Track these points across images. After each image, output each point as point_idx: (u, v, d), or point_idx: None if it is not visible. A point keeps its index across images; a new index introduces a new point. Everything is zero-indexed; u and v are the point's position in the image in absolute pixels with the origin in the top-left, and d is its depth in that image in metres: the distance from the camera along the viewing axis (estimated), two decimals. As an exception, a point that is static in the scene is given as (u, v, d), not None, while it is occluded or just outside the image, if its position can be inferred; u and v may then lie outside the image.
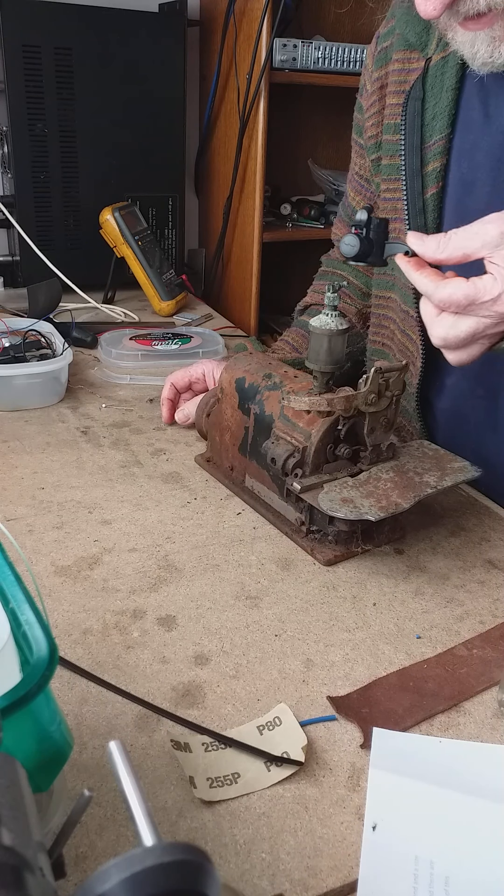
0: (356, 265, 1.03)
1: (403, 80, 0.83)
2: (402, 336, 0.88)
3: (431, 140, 0.79)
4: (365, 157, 0.93)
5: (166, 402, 0.95)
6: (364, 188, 0.96)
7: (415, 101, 0.80)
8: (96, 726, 0.50)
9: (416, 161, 0.80)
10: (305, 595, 0.65)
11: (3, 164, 1.44)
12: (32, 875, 0.23)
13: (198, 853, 0.23)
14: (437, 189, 0.79)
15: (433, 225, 0.81)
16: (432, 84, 0.79)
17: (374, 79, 0.87)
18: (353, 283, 1.02)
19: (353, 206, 0.99)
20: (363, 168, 0.95)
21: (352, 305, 1.02)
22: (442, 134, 0.78)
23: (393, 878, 0.41)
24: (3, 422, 0.95)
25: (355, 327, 1.02)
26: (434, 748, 0.50)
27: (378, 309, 0.94)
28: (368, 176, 0.94)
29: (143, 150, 1.48)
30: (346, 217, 1.02)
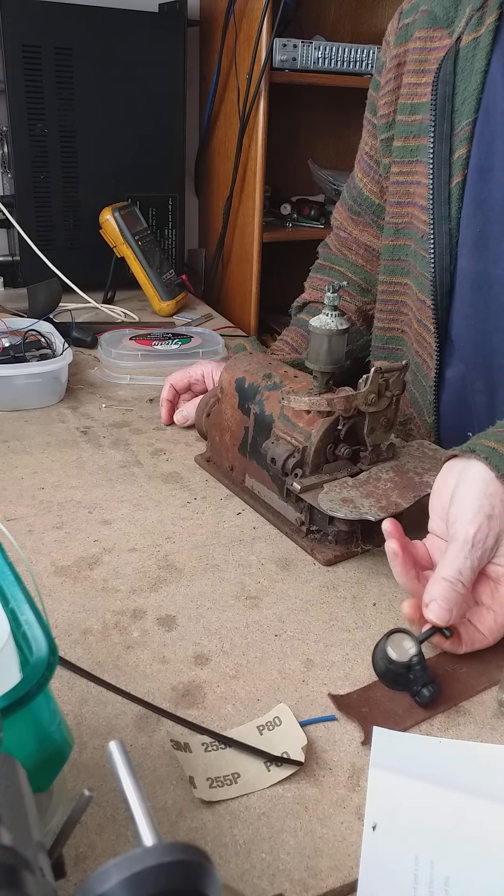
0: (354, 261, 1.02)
1: (424, 59, 0.80)
2: (418, 325, 0.86)
3: (460, 126, 0.77)
4: (376, 136, 0.91)
5: (165, 403, 0.95)
6: (373, 169, 0.93)
7: (445, 84, 0.77)
8: (96, 726, 0.50)
9: (446, 149, 0.78)
10: (305, 595, 0.65)
11: (3, 164, 1.44)
12: (32, 875, 0.23)
13: (198, 853, 0.23)
14: (462, 177, 0.77)
15: (455, 214, 0.78)
16: (463, 66, 0.76)
17: (393, 55, 0.85)
18: (352, 279, 1.01)
19: (360, 186, 0.96)
20: (374, 148, 0.92)
21: (351, 303, 1.01)
22: (469, 119, 0.75)
23: (393, 878, 0.41)
24: (3, 422, 0.95)
25: (354, 325, 1.01)
26: (434, 748, 0.50)
27: (392, 296, 0.91)
28: (378, 157, 0.91)
29: (143, 150, 1.48)
30: (350, 200, 1.00)
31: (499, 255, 0.76)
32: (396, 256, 0.88)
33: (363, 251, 1.00)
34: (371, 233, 0.98)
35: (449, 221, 0.78)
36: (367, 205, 0.96)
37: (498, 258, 0.76)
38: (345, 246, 1.03)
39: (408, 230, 0.85)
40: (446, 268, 0.80)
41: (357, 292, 1.01)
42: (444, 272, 0.80)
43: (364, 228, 0.98)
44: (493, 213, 0.75)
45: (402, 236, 0.87)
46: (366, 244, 0.99)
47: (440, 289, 0.81)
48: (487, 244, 0.77)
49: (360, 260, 1.01)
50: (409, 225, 0.85)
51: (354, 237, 1.00)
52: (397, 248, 0.88)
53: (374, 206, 0.95)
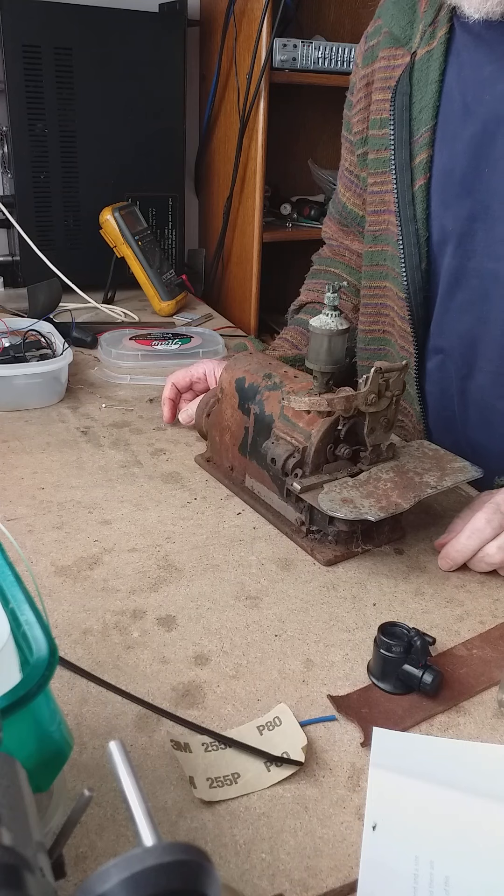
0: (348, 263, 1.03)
1: (389, 76, 0.85)
2: (401, 322, 0.89)
3: (419, 133, 0.81)
4: (353, 152, 0.95)
5: (167, 402, 0.95)
6: (354, 184, 0.97)
7: (402, 95, 0.82)
8: (96, 726, 0.50)
9: (406, 154, 0.82)
10: (305, 595, 0.65)
11: (3, 164, 1.44)
12: (32, 875, 0.23)
13: (198, 853, 0.23)
14: (425, 180, 0.81)
15: (422, 215, 0.82)
16: (419, 78, 0.81)
17: (361, 76, 0.90)
18: (347, 280, 1.03)
19: (344, 201, 1.00)
20: (352, 164, 0.96)
21: (347, 301, 1.03)
22: (428, 126, 0.80)
23: (393, 878, 0.41)
24: (3, 422, 0.95)
25: (353, 324, 1.02)
26: (434, 748, 0.50)
27: (373, 299, 0.95)
28: (357, 171, 0.95)
29: (143, 150, 1.48)
30: (336, 214, 1.03)
31: (474, 250, 0.79)
32: (375, 262, 0.92)
33: (356, 257, 1.02)
34: (361, 241, 1.00)
35: (415, 222, 0.83)
36: (353, 217, 0.99)
37: (473, 253, 0.79)
38: (337, 254, 1.05)
39: (385, 236, 0.89)
40: (416, 266, 0.84)
41: (352, 293, 1.03)
42: (414, 270, 0.84)
43: (354, 238, 1.01)
44: (463, 211, 0.79)
45: (379, 242, 0.90)
46: (357, 252, 1.01)
47: (412, 285, 0.85)
48: (463, 240, 0.80)
49: (353, 263, 1.03)
50: (385, 231, 0.88)
51: (346, 246, 1.03)
52: (376, 254, 0.91)
53: (358, 218, 0.98)
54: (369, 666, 0.56)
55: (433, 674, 0.53)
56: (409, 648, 0.54)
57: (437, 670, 0.53)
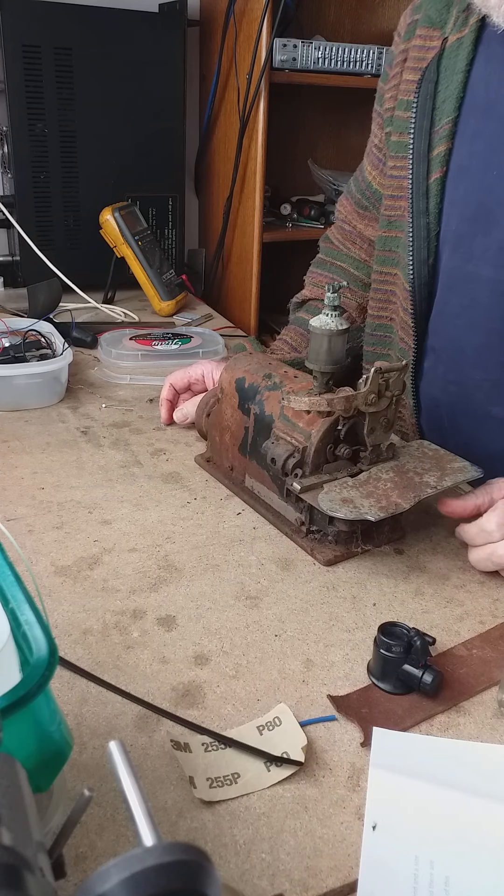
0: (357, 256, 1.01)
1: (422, 56, 0.82)
2: (403, 313, 0.88)
3: (440, 123, 0.79)
4: (383, 128, 0.91)
5: (165, 403, 0.95)
6: (381, 161, 0.93)
7: (429, 82, 0.80)
8: (96, 726, 0.50)
9: (424, 144, 0.80)
10: (305, 595, 0.65)
11: (3, 164, 1.44)
12: (32, 875, 0.23)
13: (198, 853, 0.23)
14: (441, 174, 0.79)
15: (435, 210, 0.80)
16: (447, 66, 0.78)
17: (401, 50, 0.86)
18: (354, 275, 1.01)
19: (370, 179, 0.96)
20: (381, 141, 0.93)
21: (352, 300, 1.01)
22: (449, 118, 0.78)
23: (393, 878, 0.41)
24: (3, 422, 0.95)
25: (355, 322, 1.01)
26: (434, 748, 0.50)
27: (382, 285, 0.93)
28: (385, 149, 0.91)
29: (143, 150, 1.48)
30: (357, 194, 1.00)
31: (472, 253, 0.78)
32: (388, 247, 0.90)
33: (367, 245, 0.99)
34: (375, 227, 0.97)
35: (427, 216, 0.81)
36: (377, 198, 0.95)
37: (471, 256, 0.78)
38: (348, 240, 1.02)
39: (399, 223, 0.87)
40: (424, 261, 0.82)
41: (359, 288, 1.01)
42: (421, 265, 0.83)
43: (369, 223, 0.98)
44: (468, 211, 0.77)
45: (393, 228, 0.88)
46: (370, 239, 0.99)
47: (418, 280, 0.83)
48: (462, 242, 0.79)
49: (363, 255, 1.01)
50: (400, 217, 0.86)
51: (359, 231, 1.00)
52: (389, 240, 0.89)
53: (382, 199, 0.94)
54: (369, 666, 0.56)
55: (433, 674, 0.53)
56: (409, 648, 0.54)
57: (437, 670, 0.53)
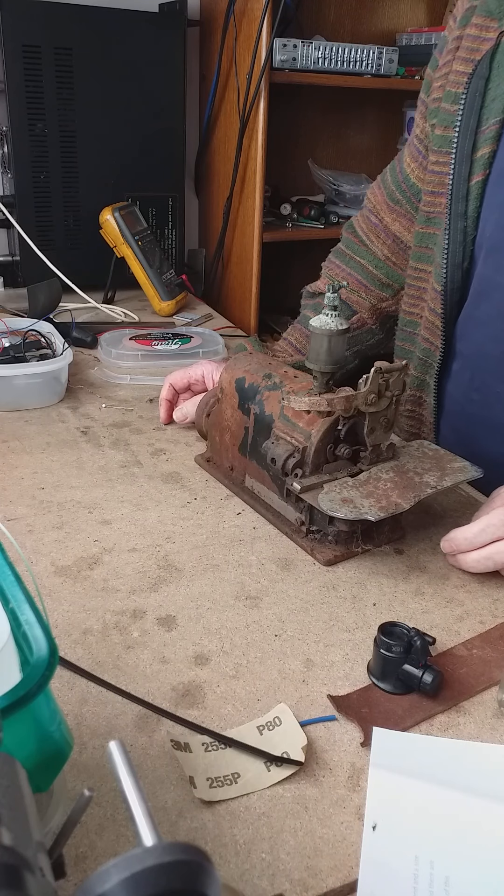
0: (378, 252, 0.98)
1: (476, 48, 0.78)
2: (429, 313, 0.86)
3: (487, 123, 0.75)
4: (426, 119, 0.87)
5: (164, 403, 0.95)
6: (421, 154, 0.89)
7: (479, 78, 0.76)
8: (96, 726, 0.50)
9: (469, 144, 0.77)
10: (305, 595, 0.65)
11: (3, 164, 1.44)
12: (32, 875, 0.23)
13: (198, 853, 0.23)
14: (484, 176, 0.76)
15: (473, 213, 0.77)
16: (499, 62, 0.74)
17: (454, 37, 0.81)
18: (372, 273, 0.98)
19: (408, 172, 0.92)
20: (423, 131, 0.88)
21: (366, 300, 0.99)
22: (498, 118, 0.74)
23: (393, 878, 0.41)
24: (3, 422, 0.95)
25: (366, 325, 1.00)
26: (434, 748, 0.50)
27: (416, 281, 0.91)
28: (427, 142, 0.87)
29: (143, 150, 1.48)
30: (392, 183, 0.95)
31: (501, 262, 0.76)
32: (424, 244, 0.87)
33: (391, 242, 0.96)
34: (404, 223, 0.95)
35: (465, 219, 0.78)
36: (413, 191, 0.92)
37: (500, 266, 0.76)
38: (373, 232, 0.98)
39: (438, 220, 0.84)
40: (458, 264, 0.80)
41: (376, 286, 0.98)
42: (455, 268, 0.80)
43: (398, 217, 0.95)
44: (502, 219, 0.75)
45: (432, 225, 0.86)
46: (395, 234, 0.95)
47: (451, 283, 0.81)
48: (496, 250, 0.76)
49: (385, 251, 0.97)
50: (440, 215, 0.83)
51: (385, 225, 0.97)
52: (426, 237, 0.87)
53: (419, 194, 0.90)
54: (369, 666, 0.56)
55: (433, 674, 0.53)
56: (409, 648, 0.54)
57: (437, 670, 0.53)
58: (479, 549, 0.66)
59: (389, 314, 1.01)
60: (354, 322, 1.00)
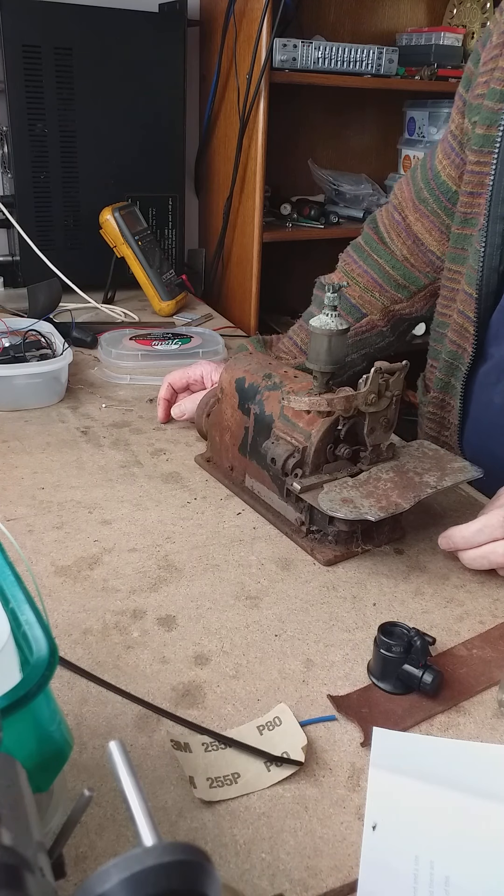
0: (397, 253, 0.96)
1: None
2: (458, 316, 0.85)
3: None
4: (464, 115, 0.83)
5: (162, 402, 0.95)
6: (454, 151, 0.87)
7: None
8: (96, 726, 0.50)
9: None
10: (305, 595, 0.65)
11: (3, 164, 1.44)
12: (32, 875, 0.23)
13: (198, 853, 0.23)
14: None
15: None
16: None
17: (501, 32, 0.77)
18: (388, 273, 0.96)
19: (439, 169, 0.89)
20: (459, 128, 0.85)
21: (379, 300, 0.97)
22: None
23: (393, 878, 0.41)
24: (3, 422, 0.95)
25: (376, 327, 0.98)
26: (434, 748, 0.50)
27: (450, 282, 0.89)
28: (463, 138, 0.85)
29: (143, 150, 1.48)
30: (421, 180, 0.93)
31: None
32: (460, 245, 0.85)
33: (410, 242, 0.94)
34: (426, 224, 0.93)
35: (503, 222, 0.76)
36: (442, 190, 0.90)
37: None
38: (394, 230, 0.96)
39: (475, 220, 0.82)
40: (495, 268, 0.78)
41: (391, 287, 0.96)
42: (492, 272, 0.78)
43: (421, 217, 0.92)
44: None
45: (468, 226, 0.84)
46: (416, 235, 0.94)
47: (486, 287, 0.79)
48: None
49: (404, 251, 0.95)
50: (477, 216, 0.81)
51: (408, 224, 0.94)
52: (462, 237, 0.85)
53: (449, 193, 0.88)
54: (369, 666, 0.56)
55: (433, 674, 0.53)
56: (409, 648, 0.54)
57: (437, 670, 0.53)
58: (476, 547, 0.66)
59: (402, 317, 0.99)
60: (364, 324, 0.98)
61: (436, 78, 1.71)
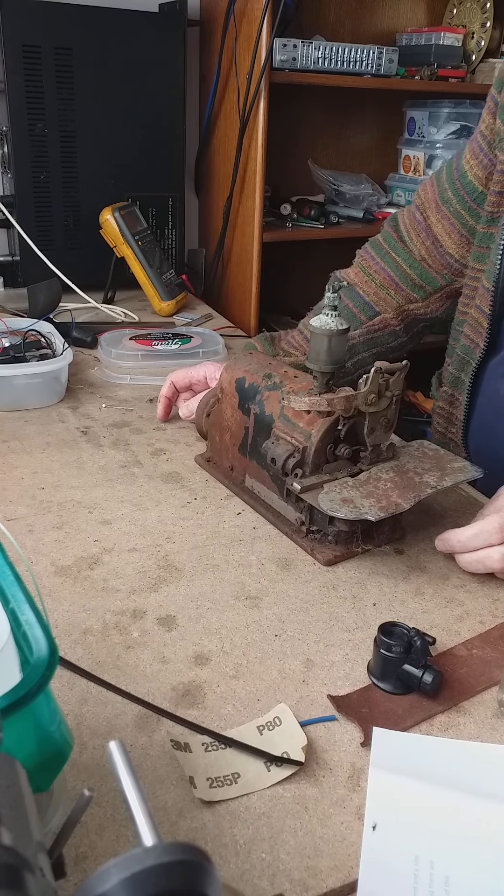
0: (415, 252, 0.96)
1: None
2: (476, 311, 0.85)
3: None
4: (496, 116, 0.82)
5: (163, 400, 0.94)
6: (482, 152, 0.86)
7: None
8: (96, 726, 0.50)
9: None
10: (305, 595, 0.65)
11: (3, 164, 1.44)
12: (32, 875, 0.23)
13: (198, 853, 0.23)
14: None
15: None
16: None
17: None
18: (405, 272, 0.96)
19: (465, 168, 0.89)
20: (490, 129, 0.85)
21: (394, 299, 0.96)
22: None
23: (393, 878, 0.41)
24: (3, 422, 0.95)
25: (389, 325, 0.97)
26: (434, 748, 0.50)
27: (472, 281, 0.89)
28: (493, 140, 0.84)
29: (143, 150, 1.48)
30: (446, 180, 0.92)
31: None
32: (485, 244, 0.86)
33: (429, 243, 0.94)
34: (446, 227, 0.92)
35: None
36: (468, 190, 0.89)
37: None
38: (414, 229, 0.96)
39: (500, 219, 0.82)
40: None
41: (407, 285, 0.96)
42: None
43: (442, 219, 0.92)
44: None
45: (494, 224, 0.84)
46: (436, 236, 0.93)
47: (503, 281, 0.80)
48: None
49: (423, 251, 0.95)
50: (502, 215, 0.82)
51: (428, 224, 0.94)
52: (487, 236, 0.85)
53: (475, 193, 0.88)
54: (369, 666, 0.56)
55: (433, 674, 0.53)
56: (409, 648, 0.54)
57: (437, 670, 0.53)
58: (472, 552, 0.66)
59: (416, 318, 0.99)
60: (377, 323, 0.97)
61: (436, 78, 1.71)
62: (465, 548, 0.67)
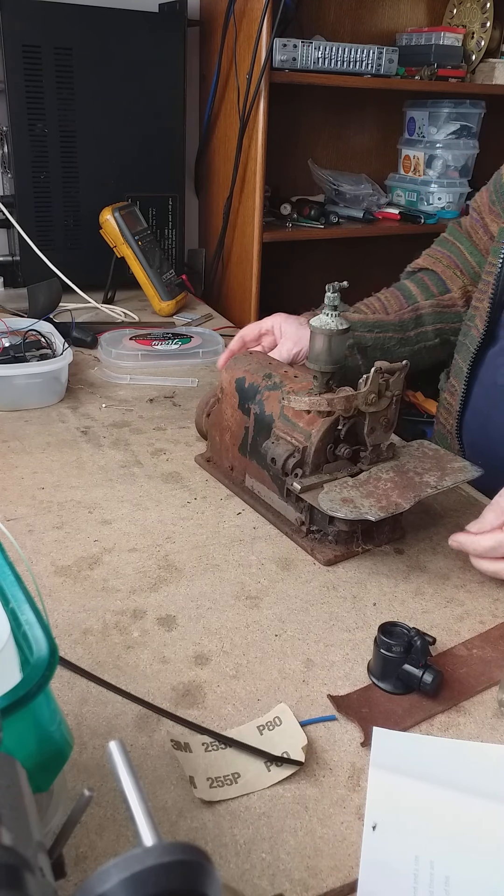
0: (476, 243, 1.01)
1: None
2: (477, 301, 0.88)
3: None
4: None
5: (228, 352, 0.93)
6: None
7: None
8: (96, 726, 0.50)
9: None
10: (305, 595, 0.65)
11: (3, 164, 1.44)
12: (32, 875, 0.23)
13: (198, 853, 0.23)
14: None
15: None
16: None
17: None
18: (467, 259, 1.02)
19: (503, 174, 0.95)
20: None
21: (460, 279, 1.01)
22: None
23: (393, 878, 0.41)
24: (3, 422, 0.95)
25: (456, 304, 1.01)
26: (434, 748, 0.50)
27: (487, 276, 0.93)
28: None
29: (143, 150, 1.48)
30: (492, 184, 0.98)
31: None
32: (501, 240, 0.90)
33: (487, 238, 1.00)
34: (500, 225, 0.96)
35: None
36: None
37: None
38: (473, 228, 1.03)
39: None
40: None
41: (469, 272, 1.01)
42: None
43: (496, 219, 0.98)
44: None
45: None
46: (492, 234, 0.99)
47: None
48: None
49: (481, 245, 1.01)
50: None
51: (485, 223, 1.00)
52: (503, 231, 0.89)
53: None
54: (369, 666, 0.56)
55: (433, 674, 0.53)
56: (409, 648, 0.54)
57: (437, 670, 0.53)
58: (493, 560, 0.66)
59: None
60: (447, 299, 1.01)
61: (436, 78, 1.71)
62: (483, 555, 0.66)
